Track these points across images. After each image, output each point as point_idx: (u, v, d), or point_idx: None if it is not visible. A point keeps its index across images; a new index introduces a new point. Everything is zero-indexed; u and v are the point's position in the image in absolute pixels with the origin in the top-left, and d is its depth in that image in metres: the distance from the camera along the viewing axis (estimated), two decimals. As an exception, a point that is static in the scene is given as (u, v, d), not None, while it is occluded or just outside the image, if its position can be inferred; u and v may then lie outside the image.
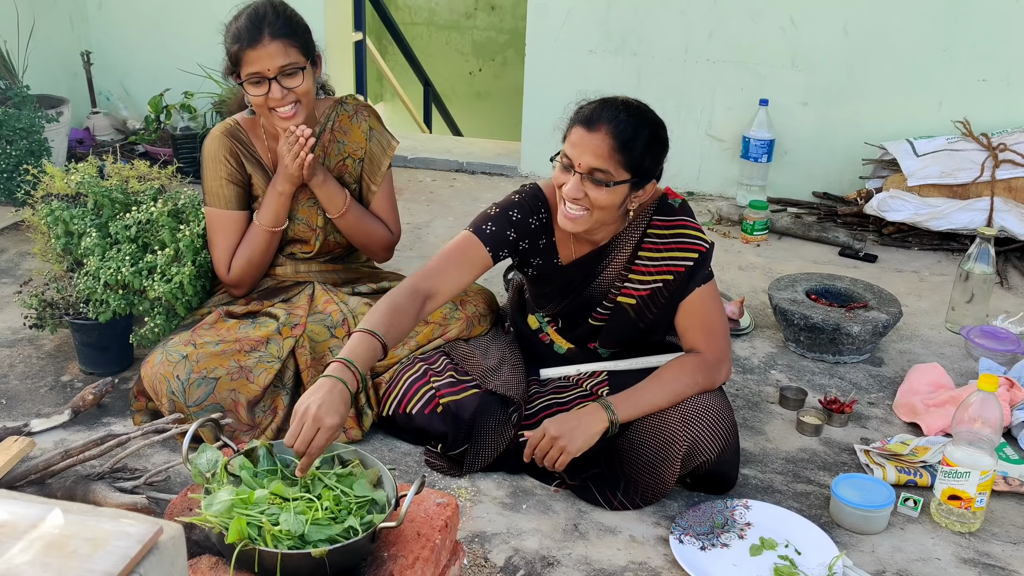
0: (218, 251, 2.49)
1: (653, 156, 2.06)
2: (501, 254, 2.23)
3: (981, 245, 3.06)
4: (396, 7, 7.80)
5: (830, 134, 4.18)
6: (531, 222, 2.23)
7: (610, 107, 2.03)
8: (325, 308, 2.48)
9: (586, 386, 2.34)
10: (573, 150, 2.02)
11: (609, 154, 1.99)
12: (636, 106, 2.07)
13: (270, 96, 2.34)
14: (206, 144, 2.49)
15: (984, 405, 2.09)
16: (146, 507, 1.94)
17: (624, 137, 1.99)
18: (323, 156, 2.53)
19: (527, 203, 2.23)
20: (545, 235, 2.25)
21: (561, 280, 2.29)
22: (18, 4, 4.27)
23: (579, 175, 2.02)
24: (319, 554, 1.46)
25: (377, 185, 2.58)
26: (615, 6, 4.25)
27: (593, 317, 2.28)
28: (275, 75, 2.32)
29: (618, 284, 2.22)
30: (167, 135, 4.44)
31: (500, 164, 4.70)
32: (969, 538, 2.13)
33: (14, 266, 3.37)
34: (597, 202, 2.03)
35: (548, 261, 2.28)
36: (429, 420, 2.28)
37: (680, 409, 2.10)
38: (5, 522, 1.01)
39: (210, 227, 2.50)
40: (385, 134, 2.61)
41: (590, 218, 2.07)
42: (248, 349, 2.30)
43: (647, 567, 1.99)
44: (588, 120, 2.02)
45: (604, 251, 2.23)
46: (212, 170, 2.47)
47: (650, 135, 2.04)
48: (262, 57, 2.31)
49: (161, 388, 2.23)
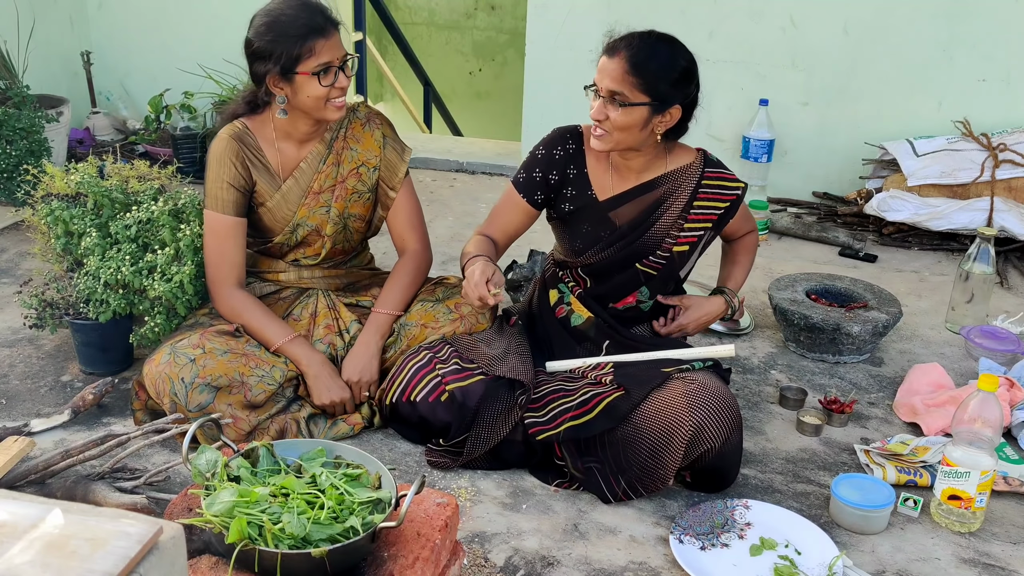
0: (211, 255, 2.43)
1: (670, 81, 2.21)
2: (537, 197, 2.41)
3: (981, 245, 3.06)
4: (396, 7, 7.80)
5: (830, 134, 4.18)
6: (556, 153, 2.39)
7: (631, 36, 2.23)
8: (325, 336, 2.47)
9: (591, 375, 2.34)
10: (597, 76, 2.23)
11: (623, 77, 2.18)
12: (658, 36, 2.26)
13: (338, 84, 2.32)
14: (213, 146, 2.45)
15: (984, 405, 2.09)
16: (146, 507, 1.94)
17: (637, 60, 2.18)
18: (337, 162, 2.50)
19: (554, 137, 2.42)
20: (574, 164, 2.39)
21: (598, 217, 2.38)
22: (18, 4, 4.27)
23: (602, 98, 2.20)
24: (319, 554, 1.46)
25: (396, 190, 2.55)
26: (615, 6, 4.25)
27: (642, 263, 2.39)
28: (340, 64, 2.33)
29: (674, 233, 2.36)
30: (167, 135, 4.44)
31: (500, 164, 4.70)
32: (969, 538, 2.13)
33: (14, 266, 3.37)
34: (616, 123, 2.20)
35: (582, 193, 2.39)
36: (433, 408, 2.28)
37: (686, 395, 2.12)
38: (5, 522, 1.01)
39: (206, 230, 2.45)
40: (398, 141, 2.59)
41: (611, 138, 2.24)
42: (253, 364, 2.31)
43: (647, 567, 1.99)
44: (610, 48, 2.24)
45: (659, 198, 2.36)
46: (215, 172, 2.43)
47: (666, 59, 2.21)
48: (333, 46, 2.30)
49: (164, 388, 2.23)
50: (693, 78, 2.26)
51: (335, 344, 2.48)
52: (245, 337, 2.40)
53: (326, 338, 2.47)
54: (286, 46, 2.27)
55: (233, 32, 4.61)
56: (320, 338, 2.47)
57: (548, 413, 2.25)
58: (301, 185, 2.48)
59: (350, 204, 2.53)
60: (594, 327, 2.44)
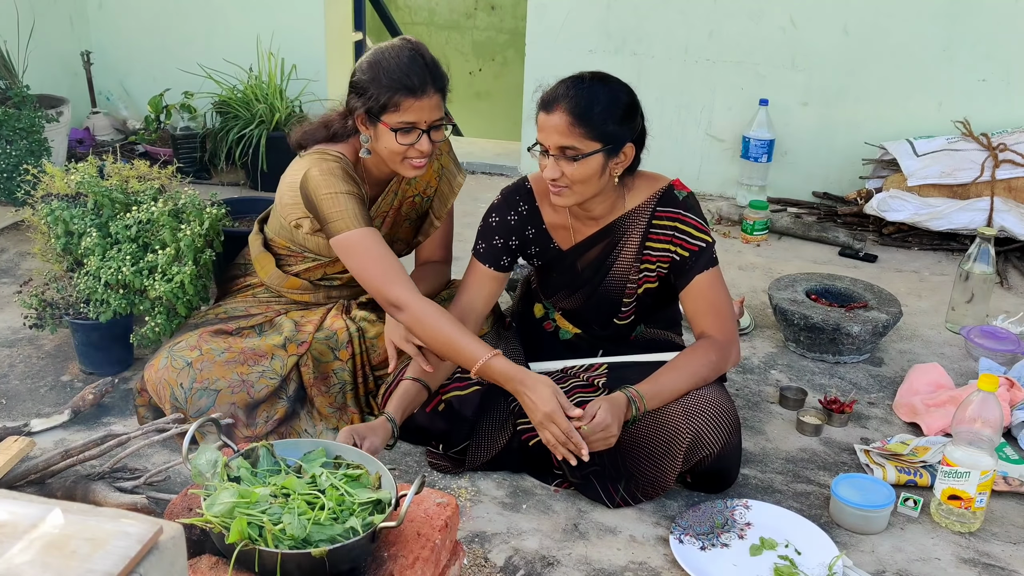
0: (377, 266, 2.17)
1: (616, 120, 2.08)
2: (503, 262, 2.31)
3: (981, 245, 3.06)
4: (396, 7, 7.80)
5: (830, 134, 4.18)
6: (510, 219, 2.30)
7: (563, 85, 2.10)
8: (332, 324, 2.44)
9: (583, 377, 2.34)
10: (541, 134, 2.11)
11: (569, 129, 2.05)
12: (590, 77, 2.12)
13: (416, 147, 2.21)
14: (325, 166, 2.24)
15: (984, 405, 2.09)
16: (146, 507, 1.94)
17: (579, 110, 2.05)
18: (397, 191, 2.43)
19: (503, 202, 2.32)
20: (531, 224, 2.30)
21: (565, 266, 2.32)
22: (18, 4, 4.27)
23: (552, 156, 2.09)
24: (319, 554, 1.46)
25: (440, 221, 2.54)
26: (615, 6, 4.25)
27: (619, 317, 2.31)
28: (427, 128, 2.22)
29: (634, 277, 2.25)
30: (167, 135, 4.44)
31: (500, 164, 4.71)
32: (969, 538, 2.13)
33: (14, 266, 3.37)
34: (574, 177, 2.09)
35: (545, 248, 2.32)
36: (431, 419, 2.28)
37: (683, 403, 2.11)
38: (5, 522, 1.01)
39: (359, 251, 2.19)
40: (454, 169, 2.55)
41: (573, 192, 2.13)
42: (252, 362, 2.30)
43: (647, 567, 1.99)
44: (545, 103, 2.10)
45: (612, 242, 2.25)
46: (344, 190, 2.21)
47: (608, 101, 2.08)
48: (424, 108, 2.19)
49: (164, 394, 2.22)
50: (637, 110, 2.14)
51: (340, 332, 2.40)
52: (243, 333, 2.39)
53: (334, 324, 2.43)
54: (377, 91, 2.18)
55: (233, 32, 4.65)
56: (328, 325, 2.44)
57: None
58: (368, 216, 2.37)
59: (399, 230, 2.52)
60: (585, 341, 2.41)
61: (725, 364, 2.19)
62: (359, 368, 2.42)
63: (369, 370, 2.44)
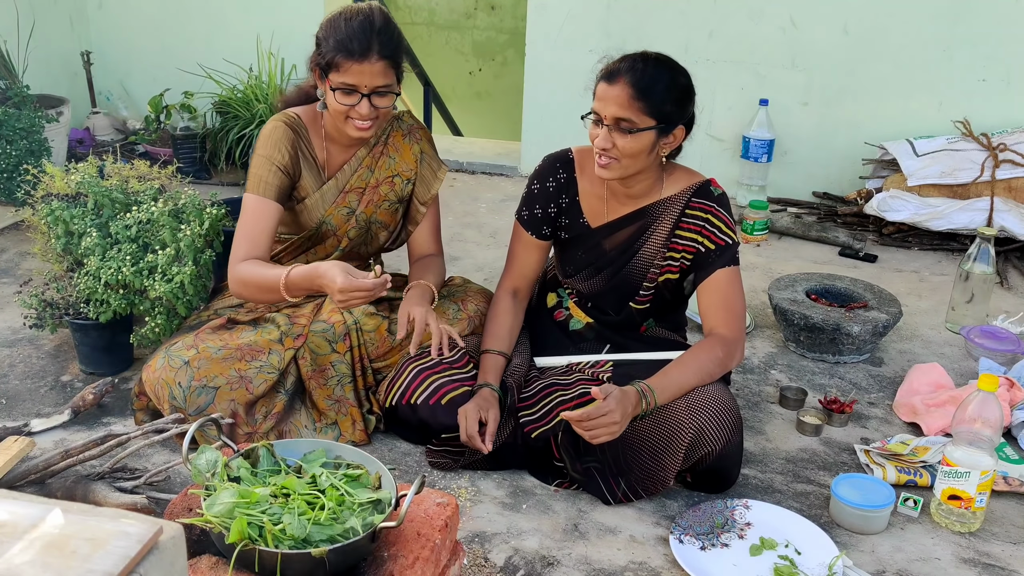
0: (238, 235, 2.34)
1: (674, 101, 2.15)
2: (544, 231, 2.39)
3: (981, 245, 3.06)
4: (396, 7, 7.80)
5: (830, 134, 4.18)
6: (549, 185, 2.36)
7: (628, 60, 2.16)
8: (329, 317, 2.44)
9: (588, 371, 2.34)
10: (598, 104, 2.16)
11: (629, 102, 2.11)
12: (654, 56, 2.19)
13: (356, 109, 2.29)
14: (266, 128, 2.39)
15: (984, 405, 2.09)
16: (146, 507, 1.94)
17: (642, 85, 2.11)
18: (372, 167, 2.49)
19: (544, 169, 2.38)
20: (566, 194, 2.36)
21: (592, 243, 2.34)
22: (18, 4, 4.27)
23: (607, 127, 2.14)
24: (319, 554, 1.46)
25: (426, 207, 2.55)
26: (615, 6, 4.25)
27: (636, 301, 2.34)
28: (369, 92, 2.28)
29: (659, 263, 2.29)
30: (167, 135, 4.44)
31: (500, 164, 4.71)
32: (969, 538, 2.13)
33: (14, 266, 3.37)
34: (625, 150, 2.14)
35: (574, 221, 2.36)
36: (433, 412, 2.27)
37: (686, 399, 2.11)
38: (5, 522, 1.01)
39: (242, 212, 2.35)
40: (436, 159, 2.59)
41: (620, 166, 2.17)
42: (249, 358, 2.30)
43: (647, 567, 1.99)
44: (609, 75, 2.16)
45: (643, 225, 2.29)
46: (266, 154, 2.35)
47: (669, 81, 2.15)
48: (364, 73, 2.25)
49: (163, 394, 2.23)
50: (693, 95, 2.21)
51: (338, 325, 2.42)
52: (239, 327, 2.39)
53: (331, 318, 2.44)
54: (326, 49, 2.28)
55: (233, 32, 4.65)
56: (325, 319, 2.44)
57: (541, 409, 2.25)
58: (339, 186, 2.47)
59: (378, 211, 2.53)
60: (594, 332, 2.43)
61: (731, 362, 2.22)
62: (357, 361, 2.42)
63: (368, 363, 2.44)
